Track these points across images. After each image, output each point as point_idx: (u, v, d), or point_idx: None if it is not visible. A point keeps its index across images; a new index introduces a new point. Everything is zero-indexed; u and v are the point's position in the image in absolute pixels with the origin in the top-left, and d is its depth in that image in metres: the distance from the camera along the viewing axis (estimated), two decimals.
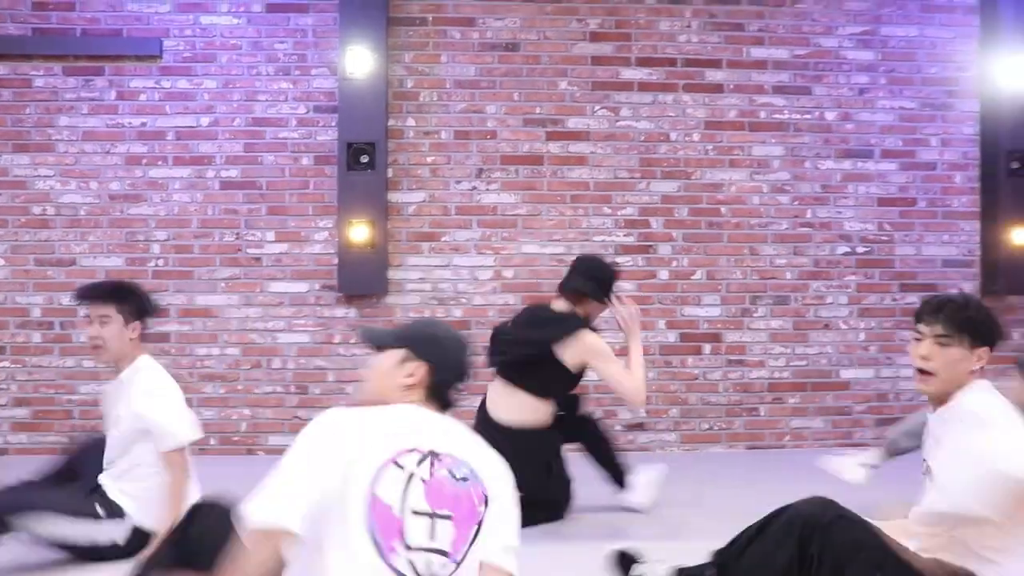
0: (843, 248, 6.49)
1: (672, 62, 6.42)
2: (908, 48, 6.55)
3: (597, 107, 6.37)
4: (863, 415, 6.48)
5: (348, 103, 6.10)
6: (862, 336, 6.49)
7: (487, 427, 4.20)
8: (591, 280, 4.46)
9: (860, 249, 6.50)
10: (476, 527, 2.08)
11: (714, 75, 6.44)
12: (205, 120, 6.23)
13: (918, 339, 2.70)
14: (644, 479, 4.60)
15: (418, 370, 2.24)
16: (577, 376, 4.41)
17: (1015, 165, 6.39)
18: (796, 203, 6.46)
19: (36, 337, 6.14)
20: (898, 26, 6.55)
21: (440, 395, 2.26)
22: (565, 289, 4.49)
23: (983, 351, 2.63)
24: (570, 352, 4.29)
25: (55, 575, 3.58)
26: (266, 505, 1.94)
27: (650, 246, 6.37)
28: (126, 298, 3.74)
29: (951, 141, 6.58)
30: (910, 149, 6.55)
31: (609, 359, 4.29)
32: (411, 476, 2.03)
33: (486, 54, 6.34)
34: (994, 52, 6.41)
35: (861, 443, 6.36)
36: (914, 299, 6.47)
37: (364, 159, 6.07)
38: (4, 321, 6.13)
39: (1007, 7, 6.40)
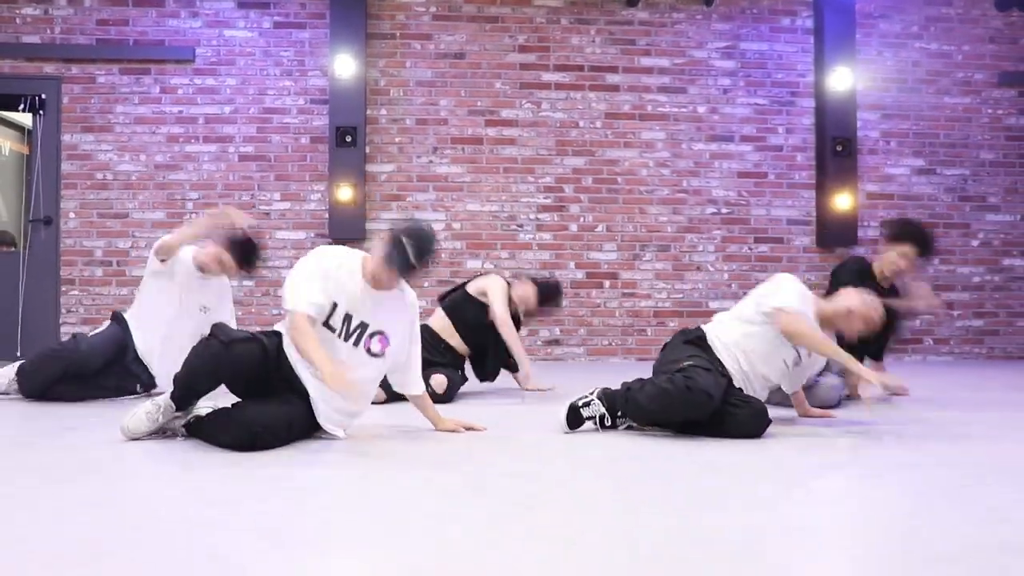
0: (711, 209, 8.41)
1: (581, 68, 8.32)
2: (761, 59, 8.48)
3: (524, 101, 8.28)
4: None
5: (336, 97, 7.94)
6: (726, 276, 8.41)
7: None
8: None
9: (724, 210, 8.42)
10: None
11: (613, 78, 8.34)
12: (227, 109, 8.09)
13: None
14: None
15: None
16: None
17: (839, 148, 8.26)
18: (675, 175, 8.37)
19: (99, 272, 7.97)
20: (753, 42, 8.47)
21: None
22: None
23: None
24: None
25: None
26: (300, 301, 3.44)
27: (563, 206, 8.28)
28: None
29: (794, 129, 8.49)
30: (762, 135, 8.46)
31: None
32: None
33: (440, 61, 8.24)
34: (825, 63, 8.29)
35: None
36: (765, 249, 8.45)
37: (348, 139, 7.89)
38: (74, 260, 7.96)
39: (832, 31, 8.31)
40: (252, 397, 3.53)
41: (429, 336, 5.13)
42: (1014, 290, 8.68)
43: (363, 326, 3.56)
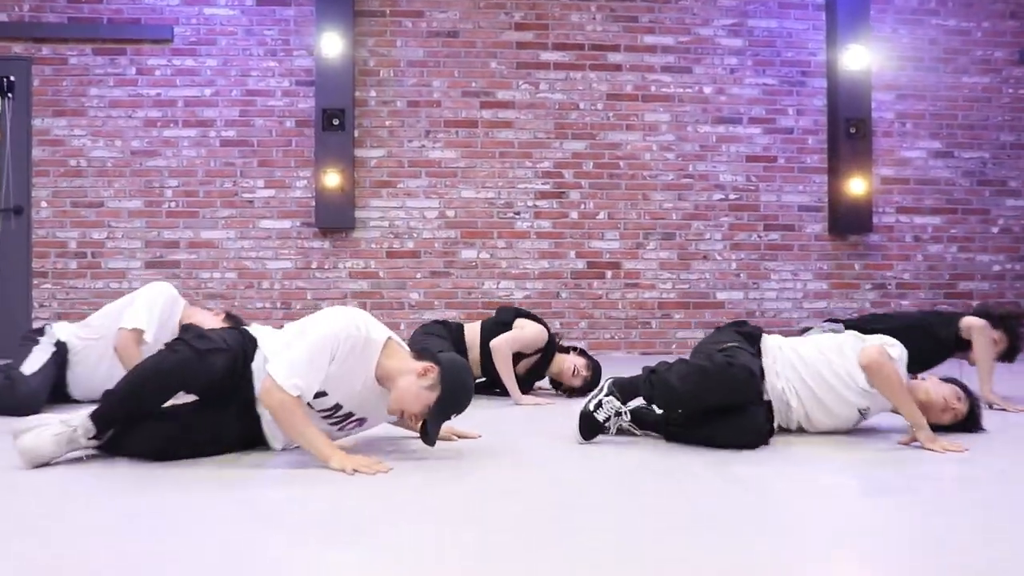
0: (718, 195, 8.02)
1: (581, 46, 7.92)
2: (769, 36, 8.08)
3: (521, 82, 7.88)
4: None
5: (323, 78, 7.53)
6: (734, 265, 8.03)
7: None
8: None
9: (732, 196, 8.03)
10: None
11: (614, 57, 7.94)
12: (208, 91, 7.67)
13: None
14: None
15: None
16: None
17: (853, 130, 7.87)
18: (680, 159, 7.99)
19: (72, 264, 7.56)
20: (762, 19, 8.06)
21: None
22: None
23: None
24: None
25: None
26: (301, 384, 2.91)
27: (563, 192, 7.89)
28: None
29: (805, 111, 8.09)
30: (772, 117, 8.06)
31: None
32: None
33: (432, 40, 7.82)
34: (837, 41, 7.87)
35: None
36: (775, 236, 8.06)
37: (336, 122, 7.49)
38: (46, 252, 7.55)
39: (845, 7, 7.90)
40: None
41: (454, 338, 4.86)
42: None
43: (348, 415, 3.16)
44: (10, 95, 7.32)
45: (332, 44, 7.46)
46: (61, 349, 4.44)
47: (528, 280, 7.81)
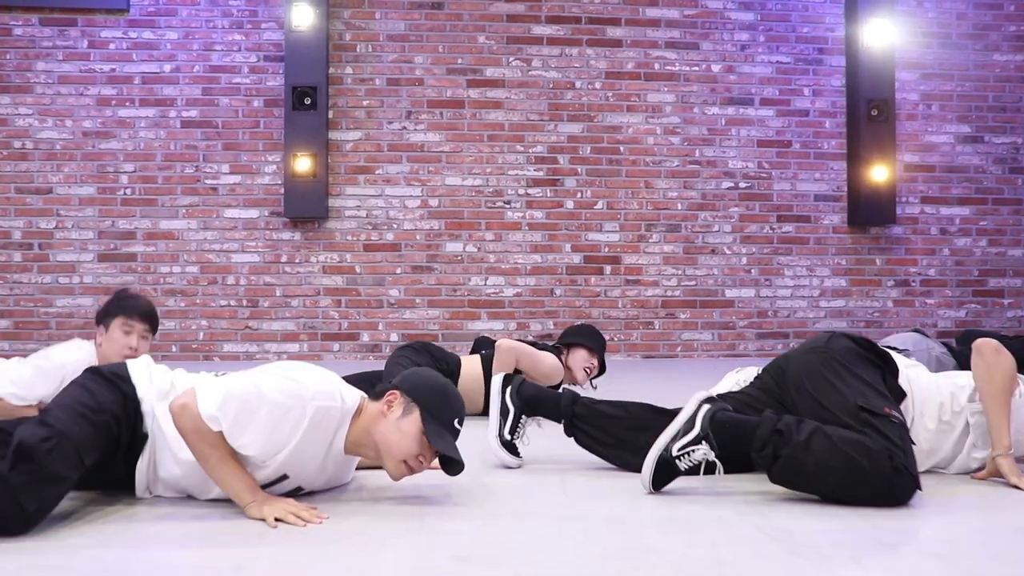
0: (727, 183, 7.37)
1: (577, 20, 7.27)
2: (784, 10, 7.43)
3: (511, 59, 7.22)
4: (745, 329, 7.38)
5: (294, 53, 6.88)
6: (744, 260, 7.38)
7: None
8: None
9: (742, 184, 7.39)
10: None
11: (614, 31, 7.29)
12: (168, 67, 7.01)
13: None
14: None
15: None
16: None
17: (874, 112, 7.26)
18: (686, 144, 7.34)
19: (17, 257, 6.90)
20: None
21: None
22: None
23: None
24: None
25: None
26: (228, 421, 2.24)
27: (557, 180, 7.23)
28: None
29: (821, 91, 7.45)
30: (786, 98, 7.42)
31: None
32: None
33: (414, 12, 7.16)
34: (858, 15, 7.26)
35: (744, 354, 7.29)
36: (790, 228, 7.40)
37: (307, 101, 6.86)
38: None
39: None
40: None
41: (448, 369, 4.09)
42: None
43: (294, 489, 2.47)
44: None
45: (304, 16, 6.84)
46: None
47: (519, 276, 7.15)
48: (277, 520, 2.24)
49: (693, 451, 2.52)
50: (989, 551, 2.09)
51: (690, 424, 2.54)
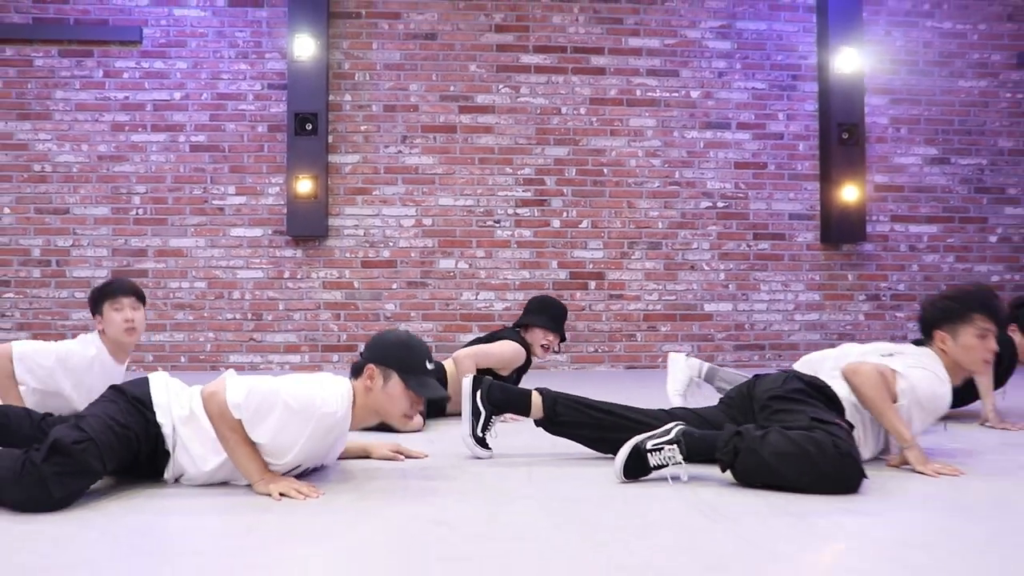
0: (705, 203, 7.76)
1: (563, 49, 7.67)
2: (759, 39, 7.83)
3: (501, 86, 7.62)
4: (723, 341, 7.75)
5: (296, 81, 7.29)
6: (722, 276, 7.75)
7: None
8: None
9: (720, 204, 7.76)
10: None
11: (598, 60, 7.68)
12: (178, 95, 7.43)
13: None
14: None
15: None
16: None
17: (845, 135, 7.63)
18: (666, 166, 7.72)
19: (36, 273, 7.30)
20: (751, 21, 7.82)
21: None
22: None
23: None
24: None
25: None
26: (247, 413, 2.63)
27: (544, 200, 7.62)
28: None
29: (795, 116, 7.84)
30: (761, 122, 7.80)
31: None
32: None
33: (409, 42, 7.58)
34: (829, 44, 7.64)
35: (721, 365, 7.64)
36: (765, 246, 7.79)
37: (309, 127, 7.25)
38: (9, 259, 7.29)
39: (837, 9, 7.66)
40: None
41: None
42: None
43: (304, 470, 2.92)
44: None
45: (305, 46, 7.23)
46: None
47: (508, 291, 7.54)
48: (281, 495, 2.64)
49: (664, 448, 2.87)
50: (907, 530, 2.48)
51: (665, 431, 2.93)
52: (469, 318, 7.49)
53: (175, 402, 2.83)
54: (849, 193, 7.60)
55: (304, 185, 7.21)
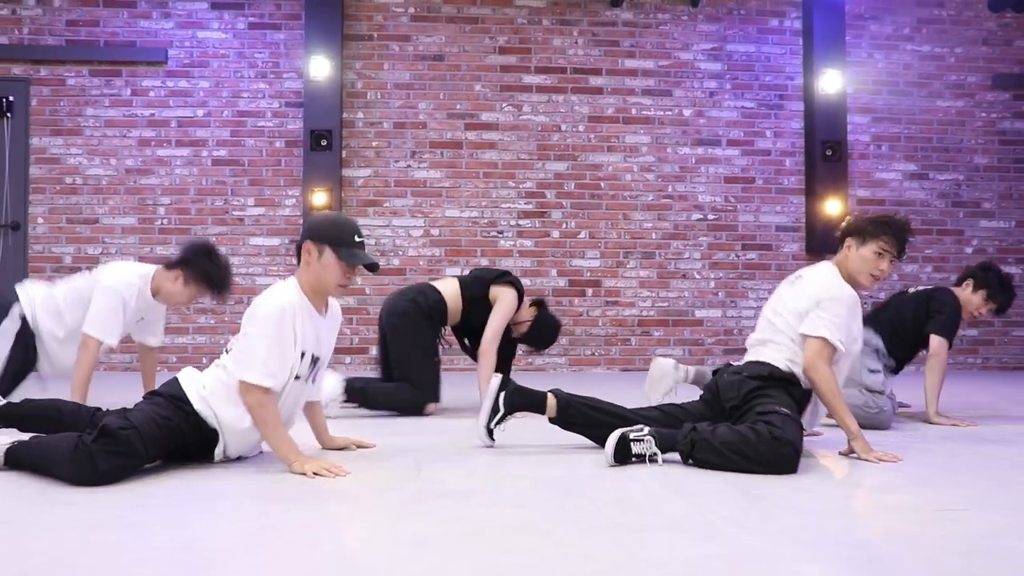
0: (697, 215, 8.21)
1: (563, 70, 8.14)
2: (748, 61, 8.29)
3: (504, 104, 8.09)
4: (713, 345, 8.20)
5: (311, 100, 7.75)
6: (712, 284, 8.21)
7: None
8: None
9: (711, 216, 8.22)
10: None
11: (596, 80, 8.16)
12: (200, 112, 7.91)
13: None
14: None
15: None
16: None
17: (828, 152, 8.07)
18: (660, 180, 8.17)
19: None
20: (740, 44, 8.28)
21: None
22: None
23: None
24: None
25: None
26: (265, 376, 3.07)
27: (545, 212, 8.08)
28: None
29: (782, 133, 8.30)
30: (750, 139, 8.26)
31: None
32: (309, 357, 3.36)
33: (418, 63, 8.06)
34: (814, 65, 8.10)
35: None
36: (753, 256, 8.24)
37: (323, 143, 7.71)
38: (42, 266, 7.76)
39: (821, 33, 8.12)
40: None
41: (429, 295, 5.05)
42: None
43: (315, 360, 3.36)
44: (9, 115, 7.63)
45: (321, 67, 7.69)
46: (26, 330, 4.48)
47: None
48: (315, 473, 3.11)
49: (645, 440, 3.37)
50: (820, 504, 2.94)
51: (642, 429, 3.42)
52: None
53: (201, 384, 3.24)
54: (832, 207, 8.03)
55: (319, 197, 7.66)
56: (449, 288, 5.14)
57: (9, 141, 7.70)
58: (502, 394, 3.73)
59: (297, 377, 3.25)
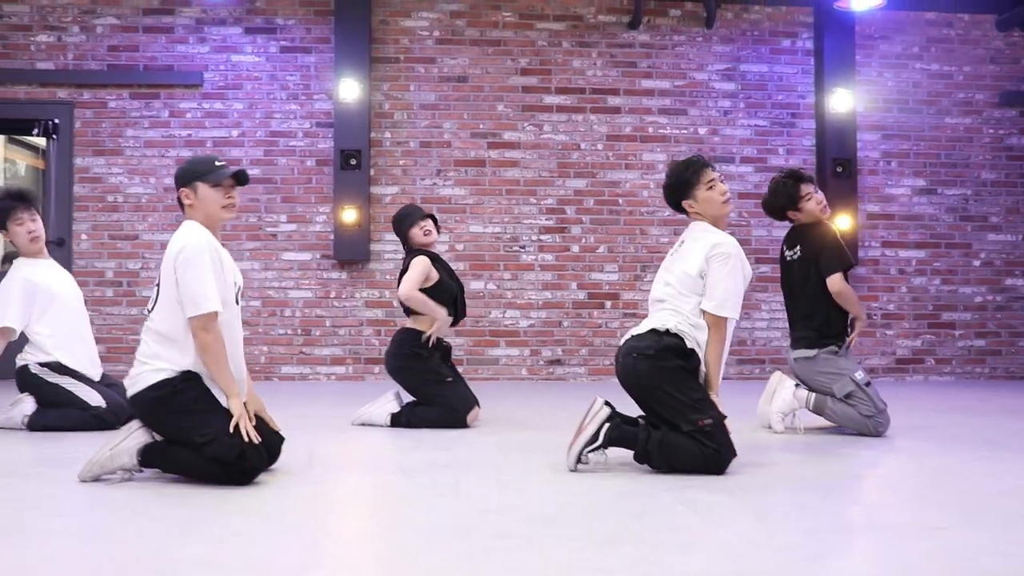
0: None
1: (582, 90, 8.46)
2: (761, 80, 8.58)
3: (526, 124, 8.41)
4: (727, 356, 8.47)
5: (341, 120, 8.09)
6: None
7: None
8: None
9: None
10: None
11: (614, 100, 8.46)
12: (235, 132, 8.26)
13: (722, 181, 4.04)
14: None
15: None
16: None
17: (839, 169, 8.36)
18: None
19: (109, 292, 8.14)
20: (753, 64, 8.58)
21: None
22: None
23: None
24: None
25: None
26: (216, 302, 3.44)
27: (565, 227, 8.39)
28: None
29: (794, 151, 8.58)
30: (763, 156, 8.55)
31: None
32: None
33: (443, 84, 8.38)
34: (825, 85, 8.38)
35: (725, 377, 8.36)
36: (766, 269, 8.52)
37: (353, 161, 8.05)
38: (85, 280, 8.08)
39: (832, 53, 8.41)
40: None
41: (406, 332, 5.48)
42: (1016, 310, 8.71)
43: (239, 288, 3.75)
44: (54, 136, 8.00)
45: (350, 89, 8.02)
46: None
47: (532, 310, 8.32)
48: (235, 427, 3.43)
49: (604, 449, 3.81)
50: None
51: (600, 436, 3.80)
52: (497, 334, 8.28)
53: (157, 360, 3.57)
54: (843, 222, 8.28)
55: (349, 214, 7.99)
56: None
57: (55, 161, 8.07)
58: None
59: (238, 303, 3.67)
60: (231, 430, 3.43)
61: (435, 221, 5.68)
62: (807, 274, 5.06)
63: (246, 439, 3.44)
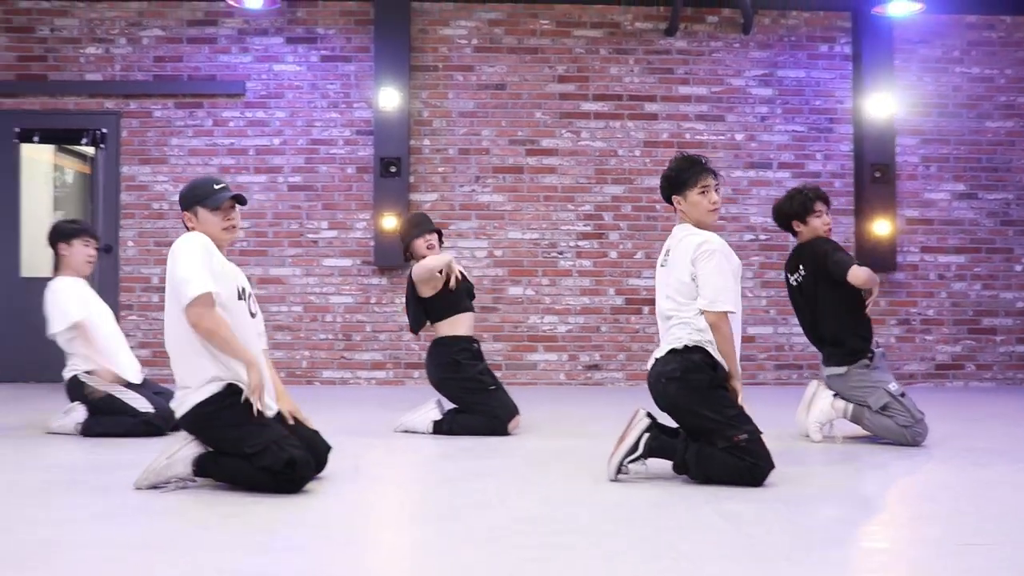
0: (749, 236, 8.51)
1: (619, 97, 8.50)
2: (798, 86, 8.57)
3: (563, 131, 8.47)
4: (765, 361, 8.49)
5: (381, 128, 8.20)
6: (764, 302, 8.50)
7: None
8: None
9: (762, 237, 8.51)
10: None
11: (651, 107, 8.49)
12: (277, 140, 8.40)
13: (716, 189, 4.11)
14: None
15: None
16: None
17: (877, 174, 8.34)
18: None
19: (155, 298, 8.29)
20: (791, 69, 8.56)
21: None
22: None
23: None
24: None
25: None
26: (206, 285, 3.53)
27: (603, 233, 8.44)
28: None
29: (832, 156, 8.56)
30: (800, 162, 8.54)
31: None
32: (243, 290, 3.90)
33: (482, 92, 8.46)
34: (863, 89, 8.36)
35: (763, 383, 8.41)
36: None
37: (392, 169, 8.16)
38: (132, 287, 8.32)
39: (871, 57, 8.39)
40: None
41: (436, 344, 5.70)
42: None
43: (244, 291, 3.85)
44: (102, 146, 8.18)
45: (389, 97, 8.13)
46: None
47: (570, 315, 8.38)
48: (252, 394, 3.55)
49: (643, 461, 3.87)
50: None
51: (641, 449, 3.86)
52: (535, 339, 8.35)
53: (189, 374, 3.70)
54: (881, 227, 8.27)
55: (388, 221, 8.09)
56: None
57: (102, 170, 8.26)
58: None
59: (252, 314, 3.75)
60: (241, 400, 3.56)
61: (440, 236, 5.79)
62: (816, 292, 5.10)
63: (255, 411, 3.55)
